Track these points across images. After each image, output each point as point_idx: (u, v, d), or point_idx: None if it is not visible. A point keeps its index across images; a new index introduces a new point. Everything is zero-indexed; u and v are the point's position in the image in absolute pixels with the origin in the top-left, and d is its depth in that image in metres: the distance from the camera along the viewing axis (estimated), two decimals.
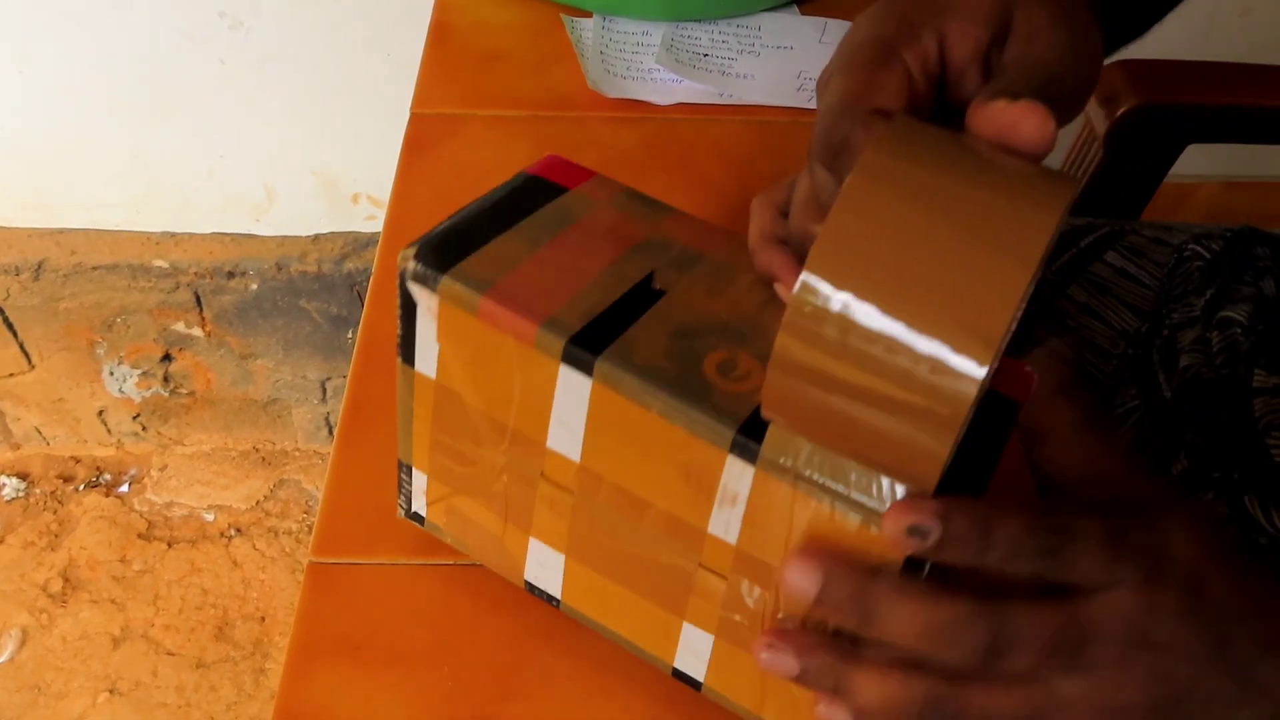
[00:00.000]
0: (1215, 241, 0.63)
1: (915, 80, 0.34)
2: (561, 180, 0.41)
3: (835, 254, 0.27)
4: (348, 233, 1.26)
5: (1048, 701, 0.31)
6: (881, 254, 0.27)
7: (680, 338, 0.35)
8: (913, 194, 0.27)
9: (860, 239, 0.27)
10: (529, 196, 0.40)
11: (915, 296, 0.26)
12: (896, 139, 0.29)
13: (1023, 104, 0.30)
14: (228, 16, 1.04)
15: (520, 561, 0.41)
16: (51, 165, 1.18)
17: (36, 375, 1.41)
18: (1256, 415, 0.56)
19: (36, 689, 1.26)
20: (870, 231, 0.27)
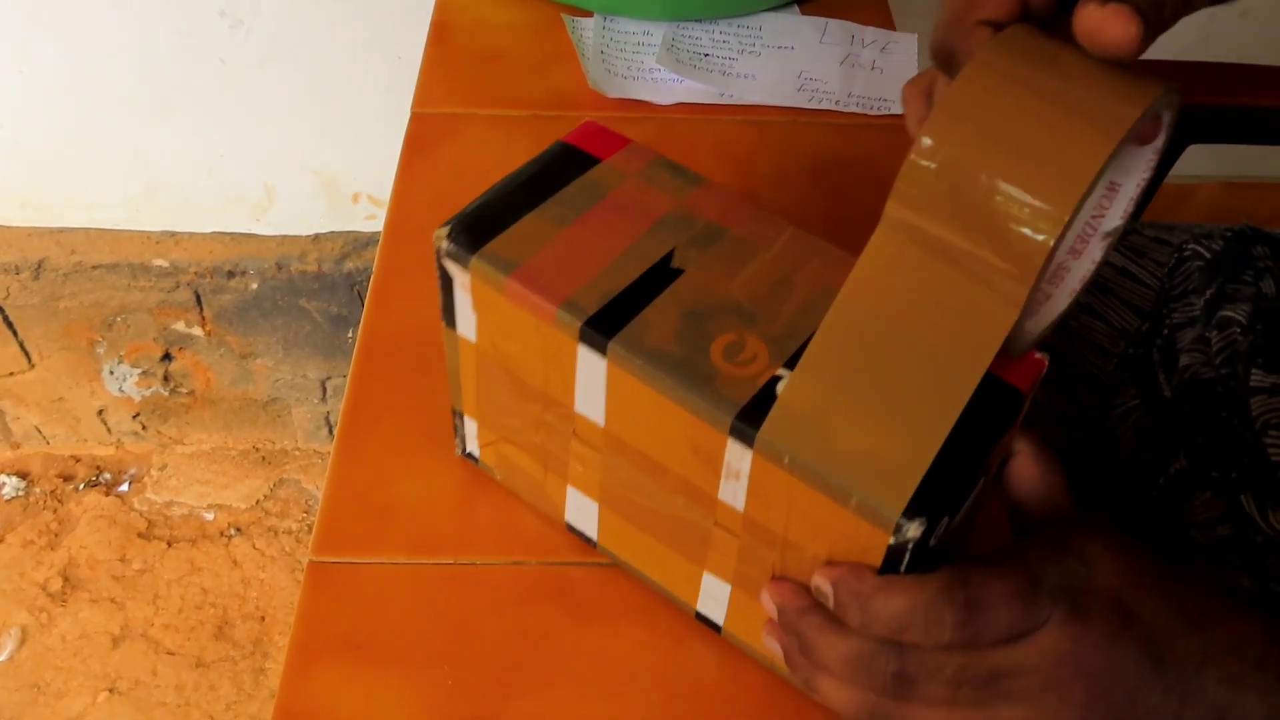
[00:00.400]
0: (1215, 241, 0.64)
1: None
2: (595, 150, 0.42)
3: (945, 118, 0.32)
4: (348, 232, 1.26)
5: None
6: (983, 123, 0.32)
7: (691, 319, 0.36)
8: (1013, 81, 0.32)
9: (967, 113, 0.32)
10: (562, 169, 0.41)
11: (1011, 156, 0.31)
12: (1007, 41, 0.33)
13: (1111, 7, 0.32)
14: (228, 16, 1.04)
15: (560, 505, 0.44)
16: (51, 164, 1.18)
17: (36, 374, 1.41)
18: (1254, 414, 0.56)
19: (36, 688, 1.26)
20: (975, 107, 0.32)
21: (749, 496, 0.36)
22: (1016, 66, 0.32)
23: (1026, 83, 0.32)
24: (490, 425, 0.45)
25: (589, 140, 0.42)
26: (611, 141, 0.42)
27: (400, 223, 0.60)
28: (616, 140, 0.43)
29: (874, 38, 0.73)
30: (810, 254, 0.39)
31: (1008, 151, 0.31)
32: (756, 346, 0.36)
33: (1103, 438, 0.63)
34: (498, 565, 0.46)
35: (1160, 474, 0.59)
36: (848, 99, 0.68)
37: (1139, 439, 0.61)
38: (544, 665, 0.43)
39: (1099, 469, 0.63)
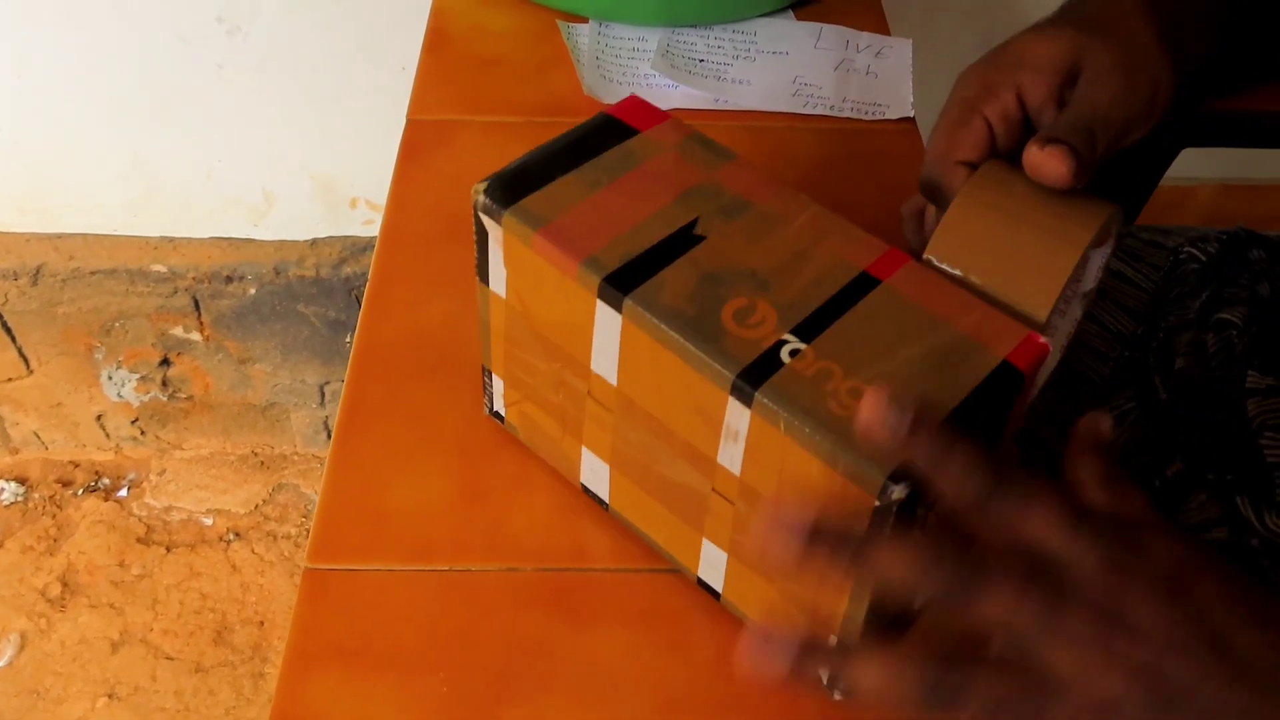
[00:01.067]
0: (1211, 244, 0.64)
1: (995, 128, 0.42)
2: (635, 123, 0.44)
3: (944, 244, 0.39)
4: (345, 237, 1.26)
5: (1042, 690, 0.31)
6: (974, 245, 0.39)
7: (707, 283, 0.38)
8: (993, 210, 0.40)
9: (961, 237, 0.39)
10: (601, 138, 0.43)
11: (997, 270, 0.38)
12: (986, 176, 0.41)
13: (1047, 150, 0.39)
14: (225, 21, 1.04)
15: (576, 466, 0.46)
16: (49, 169, 1.18)
17: (35, 380, 1.41)
18: (1250, 416, 0.56)
19: (35, 693, 1.26)
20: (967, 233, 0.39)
21: (745, 460, 0.37)
22: (995, 198, 0.40)
23: (1003, 211, 0.40)
24: (515, 384, 0.46)
25: (631, 113, 0.44)
26: (652, 116, 0.44)
27: (397, 228, 0.60)
28: (657, 115, 0.44)
29: (868, 43, 0.73)
30: (831, 231, 0.40)
31: (995, 267, 0.38)
32: (766, 312, 0.37)
33: None
34: (493, 572, 0.46)
35: (1156, 476, 0.59)
36: (842, 104, 0.68)
37: (1135, 442, 0.61)
38: (539, 671, 0.43)
39: None
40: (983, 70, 0.43)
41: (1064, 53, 0.42)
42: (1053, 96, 0.42)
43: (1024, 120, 0.43)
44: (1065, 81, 0.42)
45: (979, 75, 0.43)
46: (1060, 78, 0.41)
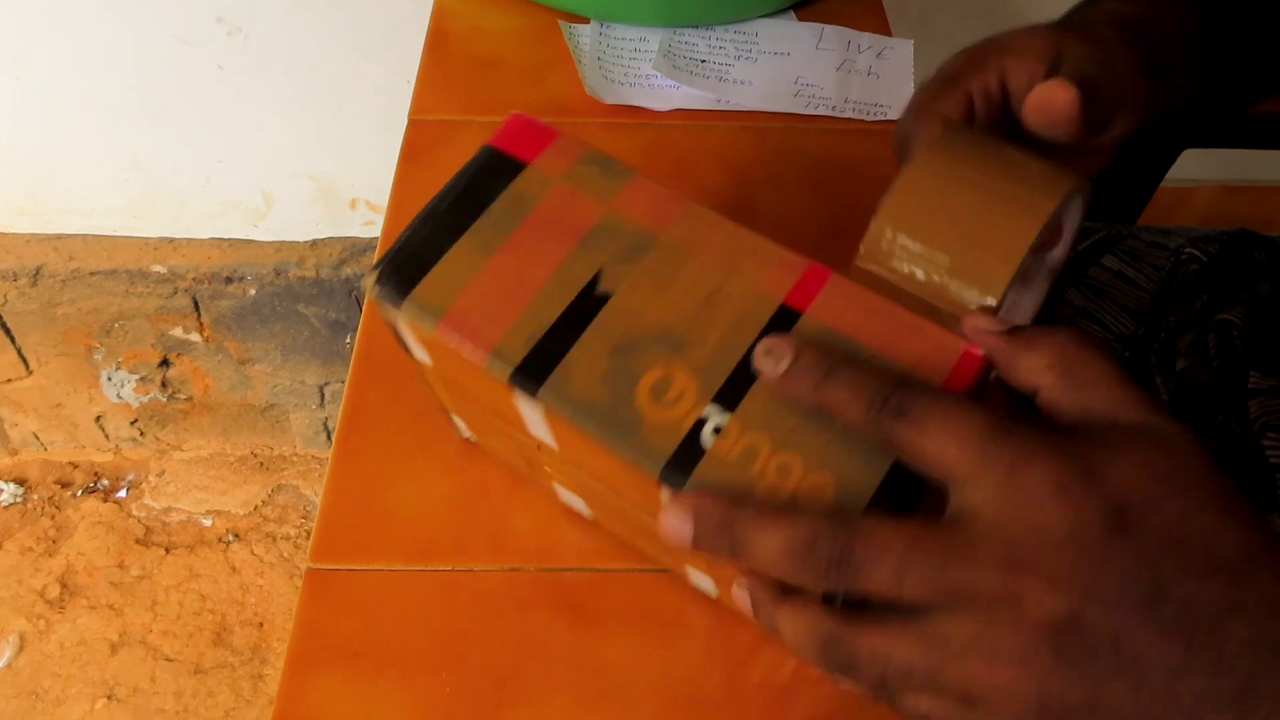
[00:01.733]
0: (1212, 245, 0.64)
1: (976, 102, 0.42)
2: (522, 152, 0.41)
3: (899, 206, 0.37)
4: (346, 238, 1.26)
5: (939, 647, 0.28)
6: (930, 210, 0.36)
7: (618, 356, 0.36)
8: (955, 172, 0.37)
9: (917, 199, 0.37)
10: (488, 181, 0.40)
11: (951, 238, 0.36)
12: (947, 138, 0.38)
13: (1053, 80, 0.39)
14: (225, 23, 1.04)
15: (553, 492, 0.47)
16: (49, 171, 1.18)
17: (34, 381, 1.41)
18: (1252, 417, 0.56)
19: (34, 695, 1.26)
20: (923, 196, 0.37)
21: None
22: (956, 159, 0.38)
23: (963, 173, 0.37)
24: (473, 426, 0.47)
25: (516, 140, 0.41)
26: (540, 137, 0.41)
27: (398, 229, 0.60)
28: (545, 135, 0.41)
29: (870, 44, 0.73)
30: (743, 256, 0.38)
31: (951, 235, 0.36)
32: (684, 382, 0.36)
33: None
34: (495, 572, 0.46)
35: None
36: (844, 105, 0.68)
37: None
38: (541, 672, 0.43)
39: None
40: (969, 52, 0.44)
41: (1048, 44, 0.42)
42: (1035, 85, 0.42)
43: (1004, 106, 0.43)
44: (1049, 72, 0.42)
45: (968, 53, 0.44)
46: (1044, 66, 0.42)
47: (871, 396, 0.30)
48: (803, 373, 0.32)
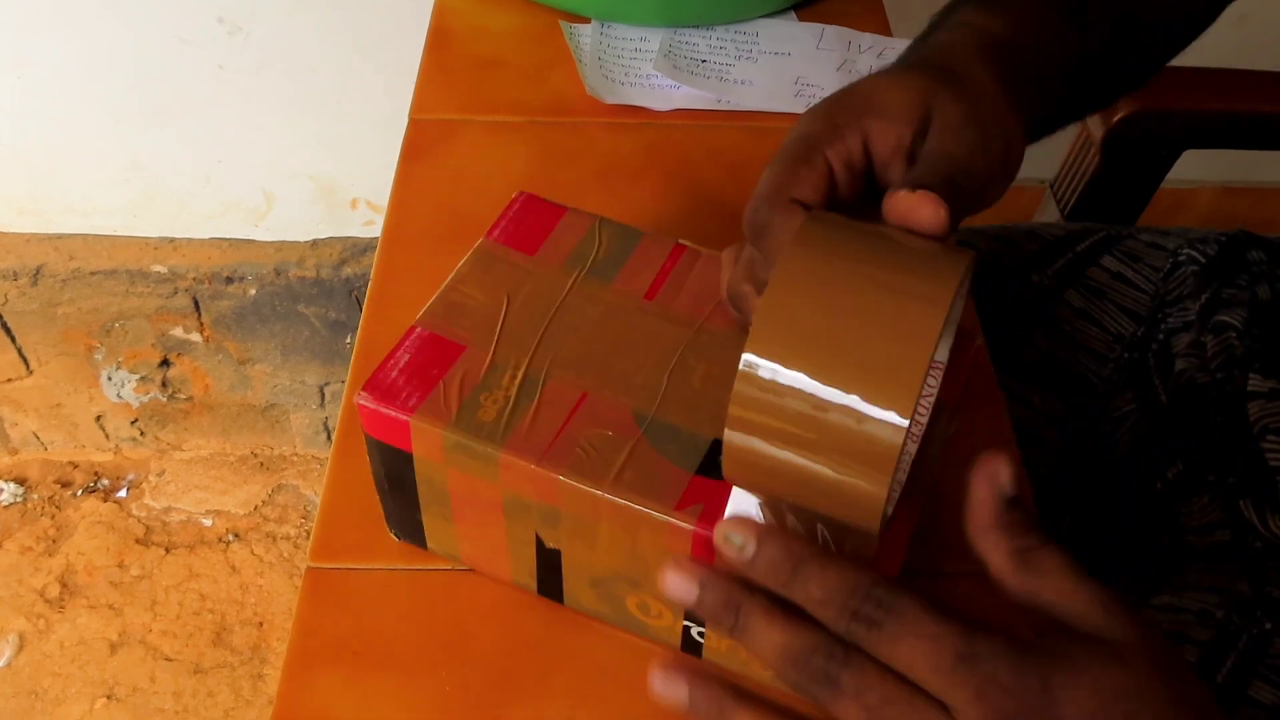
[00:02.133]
0: (1210, 246, 0.64)
1: (837, 173, 0.38)
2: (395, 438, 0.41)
3: (767, 336, 0.31)
4: (346, 238, 1.26)
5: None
6: (806, 332, 0.31)
7: (598, 586, 0.42)
8: (827, 281, 0.31)
9: (787, 322, 0.31)
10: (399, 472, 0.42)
11: (838, 365, 0.30)
12: (812, 235, 0.33)
13: (920, 193, 0.34)
14: (226, 22, 1.04)
15: None
16: (49, 170, 1.18)
17: (34, 380, 1.41)
18: (1251, 419, 0.56)
19: (34, 695, 1.26)
20: (794, 315, 0.31)
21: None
22: (827, 262, 0.32)
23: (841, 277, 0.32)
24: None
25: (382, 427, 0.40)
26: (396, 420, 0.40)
27: (398, 228, 0.60)
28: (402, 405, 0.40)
29: (870, 44, 0.73)
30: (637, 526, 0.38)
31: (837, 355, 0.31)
32: (659, 606, 0.41)
33: (1099, 443, 0.63)
34: None
35: (1158, 479, 0.59)
36: None
37: (1135, 444, 0.61)
38: (541, 671, 0.43)
39: (1096, 474, 0.63)
40: (828, 111, 0.39)
41: (915, 102, 0.38)
42: (901, 149, 0.38)
43: (867, 172, 0.39)
44: (916, 133, 0.38)
45: (824, 115, 0.39)
46: (911, 129, 0.38)
47: (842, 603, 0.30)
48: (770, 568, 0.31)
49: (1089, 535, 0.63)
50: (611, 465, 0.38)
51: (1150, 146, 0.77)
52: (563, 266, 0.44)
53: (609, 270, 0.44)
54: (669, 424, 0.39)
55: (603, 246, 0.45)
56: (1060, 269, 0.67)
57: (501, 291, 0.43)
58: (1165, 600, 0.54)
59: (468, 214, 0.60)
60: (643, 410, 0.40)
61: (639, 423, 0.39)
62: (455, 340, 0.42)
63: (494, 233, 0.45)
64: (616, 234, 0.45)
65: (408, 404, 0.39)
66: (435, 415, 0.39)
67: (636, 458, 0.38)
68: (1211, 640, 0.51)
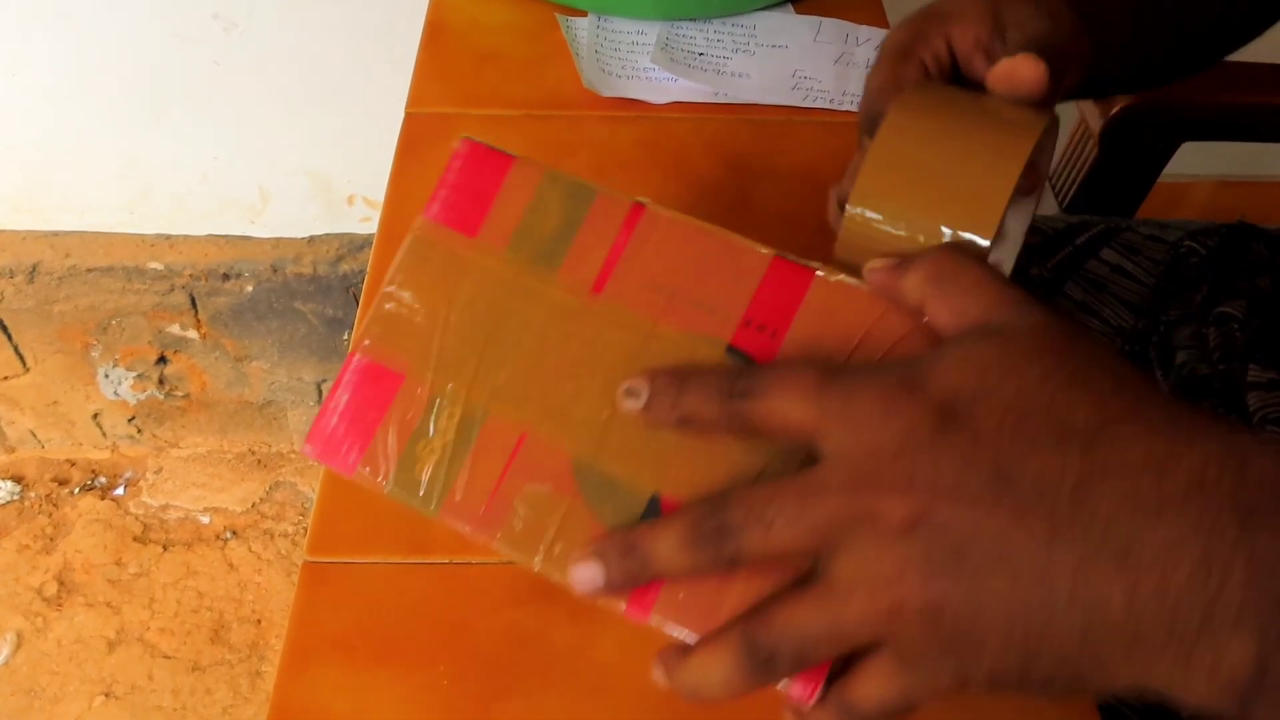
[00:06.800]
0: (1211, 238, 0.64)
1: (929, 70, 0.43)
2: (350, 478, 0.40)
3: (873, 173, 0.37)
4: (343, 234, 1.26)
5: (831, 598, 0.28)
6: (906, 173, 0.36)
7: None
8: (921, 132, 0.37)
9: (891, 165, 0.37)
10: None
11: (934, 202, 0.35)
12: (914, 96, 0.39)
13: (1020, 55, 0.39)
14: (221, 19, 1.04)
15: None
16: (46, 167, 1.18)
17: (31, 378, 1.40)
18: (1252, 410, 0.56)
19: (32, 693, 1.26)
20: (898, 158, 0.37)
21: None
22: (923, 118, 0.38)
23: (934, 130, 0.37)
24: None
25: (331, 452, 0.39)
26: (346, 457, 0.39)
27: (395, 224, 0.60)
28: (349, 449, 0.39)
29: (868, 36, 0.73)
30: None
31: (931, 194, 0.36)
32: None
33: None
34: (492, 565, 0.46)
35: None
36: (842, 97, 0.68)
37: None
38: (539, 665, 0.43)
39: None
40: (915, 22, 0.44)
41: (986, 7, 0.43)
42: (980, 45, 0.43)
43: (954, 69, 0.44)
44: (992, 33, 0.42)
45: (910, 26, 0.44)
46: (987, 28, 0.42)
47: (719, 391, 0.31)
48: (659, 394, 0.32)
49: None
50: (544, 534, 0.37)
51: (1148, 139, 0.77)
52: (507, 250, 0.39)
53: (557, 250, 0.39)
54: (608, 475, 0.37)
55: (552, 214, 0.39)
56: (1060, 262, 0.67)
57: (439, 295, 0.40)
58: None
59: None
60: (582, 457, 0.37)
61: (576, 474, 0.37)
62: (393, 369, 0.39)
63: (432, 208, 0.40)
64: (567, 194, 0.39)
65: (348, 459, 0.39)
66: (375, 470, 0.39)
67: (570, 524, 0.36)
68: None
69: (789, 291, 0.35)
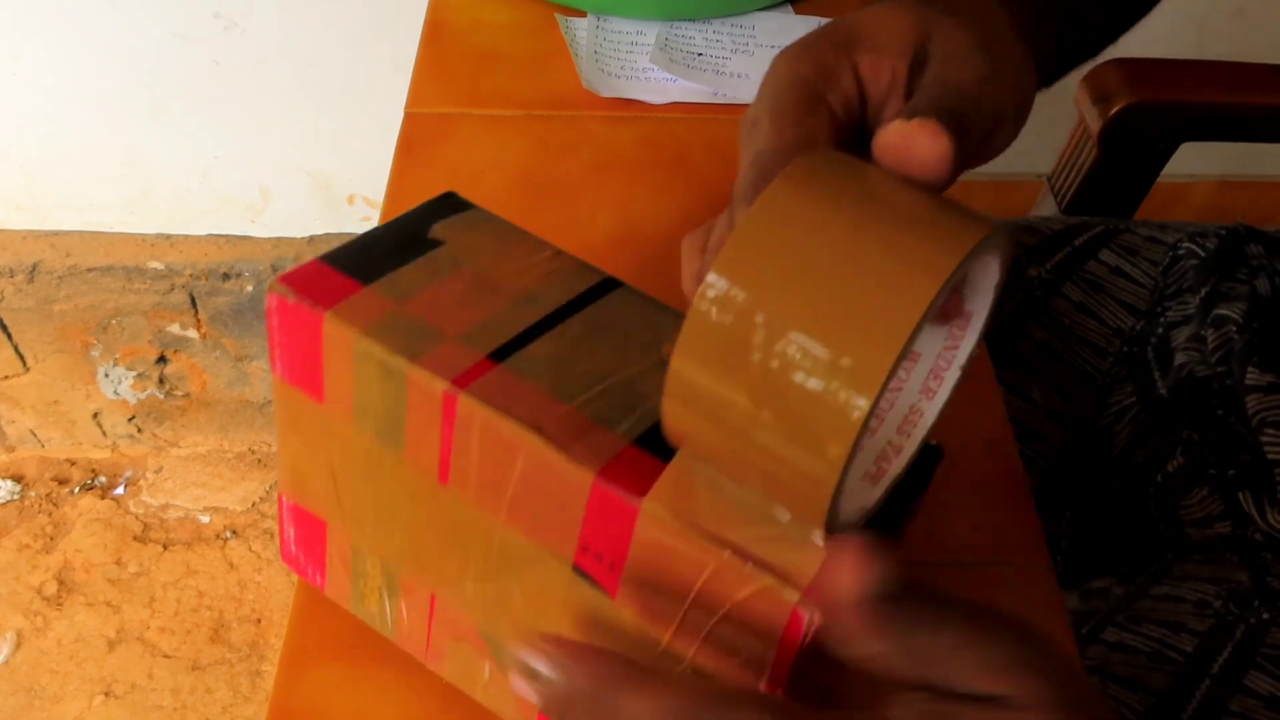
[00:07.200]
0: (1209, 239, 0.64)
1: (840, 122, 0.33)
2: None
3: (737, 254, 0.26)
4: (343, 234, 1.26)
5: None
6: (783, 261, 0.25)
7: None
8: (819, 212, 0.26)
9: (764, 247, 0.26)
10: None
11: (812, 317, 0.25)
12: (807, 171, 0.27)
13: (916, 121, 0.28)
14: (222, 17, 1.04)
15: None
16: (46, 167, 1.18)
17: (31, 378, 1.40)
18: (1250, 412, 0.56)
19: (32, 692, 1.26)
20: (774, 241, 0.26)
21: None
22: (823, 196, 0.26)
23: (834, 215, 0.26)
24: None
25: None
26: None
27: None
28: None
29: None
30: None
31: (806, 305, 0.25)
32: None
33: (1098, 436, 0.63)
34: None
35: (1157, 472, 0.59)
36: None
37: (1135, 438, 0.61)
38: None
39: (1095, 468, 0.63)
40: (815, 49, 0.33)
41: (909, 30, 0.32)
42: (897, 86, 0.32)
43: (863, 116, 0.34)
44: (913, 65, 0.32)
45: (812, 54, 0.33)
46: (906, 60, 0.32)
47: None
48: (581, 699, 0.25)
49: (1088, 528, 0.63)
50: (478, 678, 0.38)
51: (1148, 139, 0.77)
52: (353, 421, 0.34)
53: (396, 432, 0.33)
54: (508, 647, 0.35)
55: (376, 394, 0.33)
56: (1058, 263, 0.67)
57: (320, 452, 0.36)
58: (1163, 590, 0.54)
59: None
60: (483, 627, 0.35)
61: (483, 638, 0.36)
62: (315, 514, 0.38)
63: (276, 367, 0.35)
64: (381, 375, 0.32)
65: (315, 580, 0.41)
66: (337, 594, 0.41)
67: (495, 677, 0.37)
68: (1209, 630, 0.51)
69: (618, 524, 0.29)
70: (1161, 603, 0.54)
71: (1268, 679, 0.49)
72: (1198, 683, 0.50)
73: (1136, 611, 0.54)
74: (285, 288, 0.33)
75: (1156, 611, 0.53)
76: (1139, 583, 0.56)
